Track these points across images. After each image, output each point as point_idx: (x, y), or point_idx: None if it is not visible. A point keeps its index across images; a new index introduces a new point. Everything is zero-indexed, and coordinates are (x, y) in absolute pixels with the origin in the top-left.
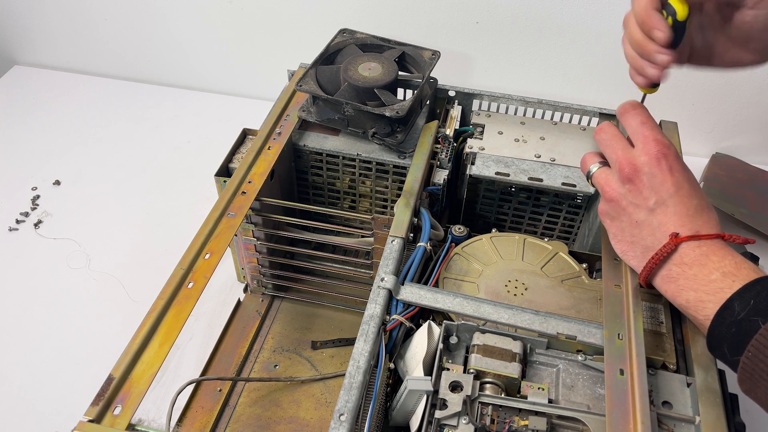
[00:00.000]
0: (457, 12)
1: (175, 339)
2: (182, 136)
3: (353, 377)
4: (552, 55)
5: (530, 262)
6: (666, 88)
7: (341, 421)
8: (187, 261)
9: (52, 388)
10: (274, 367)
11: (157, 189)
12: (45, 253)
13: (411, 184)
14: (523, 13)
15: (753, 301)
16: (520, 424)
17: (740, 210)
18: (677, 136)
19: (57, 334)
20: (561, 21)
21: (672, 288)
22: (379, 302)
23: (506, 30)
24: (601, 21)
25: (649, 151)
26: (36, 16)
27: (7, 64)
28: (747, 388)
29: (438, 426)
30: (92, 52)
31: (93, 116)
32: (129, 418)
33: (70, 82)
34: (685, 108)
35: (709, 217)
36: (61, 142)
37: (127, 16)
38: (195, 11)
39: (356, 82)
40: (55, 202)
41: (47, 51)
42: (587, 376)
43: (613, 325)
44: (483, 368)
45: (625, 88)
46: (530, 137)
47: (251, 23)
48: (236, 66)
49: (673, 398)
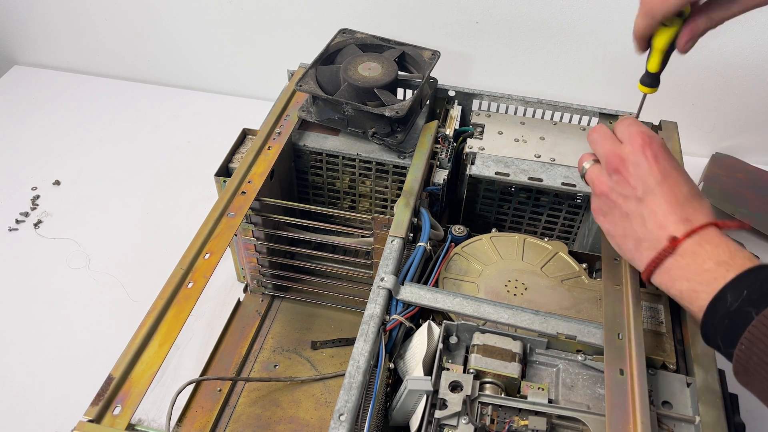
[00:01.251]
0: (456, 12)
1: (175, 339)
2: (182, 136)
3: (353, 377)
4: (552, 55)
5: (530, 262)
6: (666, 88)
7: (341, 421)
8: (186, 261)
9: (52, 388)
10: (274, 367)
11: (157, 189)
12: (45, 253)
13: (411, 184)
14: (523, 12)
15: (746, 291)
16: (520, 424)
17: (740, 210)
18: (677, 136)
19: (57, 334)
20: (561, 20)
21: (665, 278)
22: (379, 302)
23: (506, 30)
24: (600, 20)
25: (634, 142)
26: (36, 16)
27: (7, 64)
28: (743, 380)
29: (438, 426)
30: (92, 52)
31: (93, 116)
32: (129, 418)
33: (70, 82)
34: (685, 108)
35: (700, 204)
36: (61, 142)
37: (127, 16)
38: (195, 11)
39: (356, 82)
40: (54, 202)
41: (47, 51)
42: (587, 376)
43: (612, 325)
44: (483, 368)
45: (625, 89)
46: (530, 137)
47: (251, 23)
48: (236, 66)
49: (672, 398)
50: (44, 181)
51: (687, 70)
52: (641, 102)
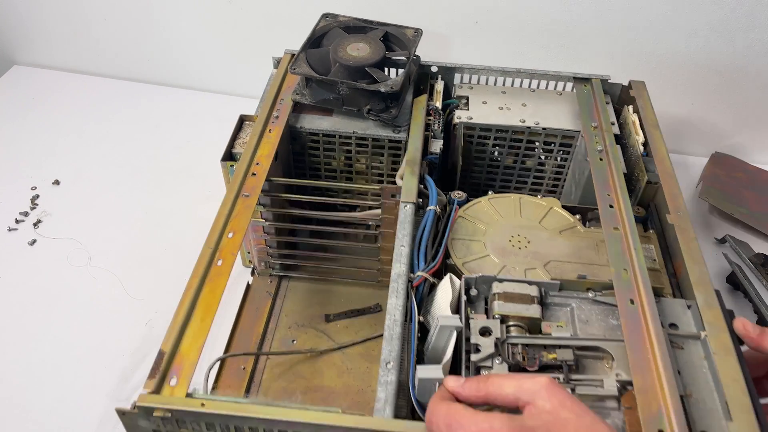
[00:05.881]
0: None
1: (215, 312)
2: (182, 136)
3: (392, 329)
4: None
5: (528, 218)
6: (666, 87)
7: (388, 368)
8: (213, 240)
9: (52, 387)
10: (292, 342)
11: (157, 188)
12: (45, 252)
13: (413, 154)
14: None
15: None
16: (548, 357)
17: (740, 210)
18: (646, 94)
19: (58, 332)
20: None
21: None
22: (403, 261)
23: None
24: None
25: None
26: (35, 16)
27: (6, 64)
28: None
29: (475, 369)
30: (92, 52)
31: (93, 116)
32: (186, 388)
33: (69, 82)
34: (685, 108)
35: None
36: (61, 142)
37: (127, 16)
38: (194, 11)
39: (347, 62)
40: (54, 202)
41: (47, 51)
42: (599, 311)
43: (618, 262)
44: (507, 312)
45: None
46: (513, 105)
47: (251, 23)
48: (236, 66)
49: (678, 320)
50: (44, 181)
51: (687, 70)
52: None
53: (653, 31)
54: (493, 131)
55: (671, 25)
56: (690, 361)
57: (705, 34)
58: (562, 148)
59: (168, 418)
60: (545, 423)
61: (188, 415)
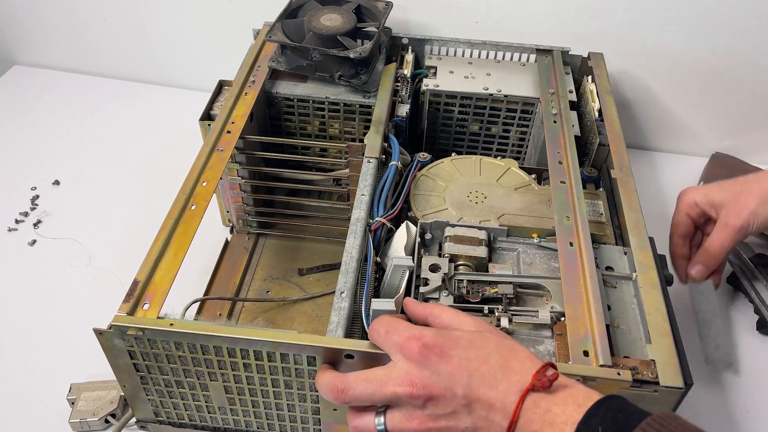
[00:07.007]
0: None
1: (187, 249)
2: (181, 136)
3: (348, 264)
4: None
5: (487, 177)
6: (666, 87)
7: (342, 297)
8: (188, 187)
9: (53, 388)
10: (266, 293)
11: (156, 189)
12: (45, 252)
13: (378, 116)
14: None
15: (600, 427)
16: (491, 291)
17: None
18: (603, 63)
19: (57, 334)
20: None
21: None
22: (363, 208)
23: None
24: None
25: (410, 354)
26: (35, 16)
27: (6, 64)
28: None
29: (423, 299)
30: (91, 52)
31: (92, 116)
32: (158, 312)
33: (69, 82)
34: (685, 108)
35: (522, 361)
36: (61, 142)
37: (126, 17)
38: (194, 11)
39: (320, 31)
40: (54, 202)
41: (46, 51)
42: (543, 255)
43: (561, 211)
44: (456, 252)
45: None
46: (478, 74)
47: (251, 23)
48: (236, 66)
49: (614, 264)
50: (43, 181)
51: (687, 70)
52: None
53: (654, 31)
54: (458, 98)
55: (672, 25)
56: (621, 299)
57: (706, 34)
58: (523, 114)
59: (140, 336)
60: (469, 337)
61: (158, 333)
